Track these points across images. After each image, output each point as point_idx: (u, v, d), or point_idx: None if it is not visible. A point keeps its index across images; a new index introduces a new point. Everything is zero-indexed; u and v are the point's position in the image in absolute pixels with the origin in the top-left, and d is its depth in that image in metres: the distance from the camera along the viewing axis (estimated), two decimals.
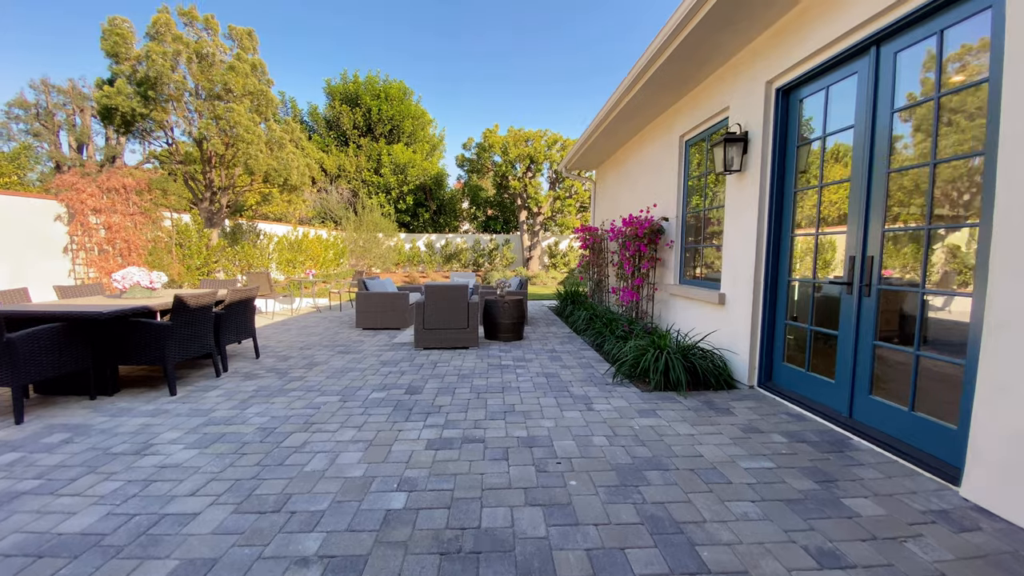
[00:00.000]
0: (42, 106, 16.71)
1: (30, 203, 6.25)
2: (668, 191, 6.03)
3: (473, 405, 3.80)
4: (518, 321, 6.55)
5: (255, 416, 3.54)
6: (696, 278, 5.57)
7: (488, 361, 5.34)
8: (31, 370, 3.39)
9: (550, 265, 19.69)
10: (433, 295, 5.88)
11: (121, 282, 4.50)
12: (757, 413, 3.63)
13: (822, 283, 3.68)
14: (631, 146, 7.58)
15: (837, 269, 3.56)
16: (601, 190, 9.62)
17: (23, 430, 3.22)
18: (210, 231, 9.27)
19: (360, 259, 17.85)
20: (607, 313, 7.12)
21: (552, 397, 4.01)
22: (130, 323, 3.92)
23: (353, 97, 21.09)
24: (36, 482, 2.50)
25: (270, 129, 8.83)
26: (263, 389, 4.25)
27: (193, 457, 2.83)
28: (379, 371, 4.90)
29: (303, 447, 2.98)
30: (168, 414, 3.58)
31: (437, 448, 2.96)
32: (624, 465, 2.73)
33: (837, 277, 3.52)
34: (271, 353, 5.76)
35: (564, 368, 5.01)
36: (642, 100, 5.75)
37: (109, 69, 7.70)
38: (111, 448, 2.95)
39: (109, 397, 3.98)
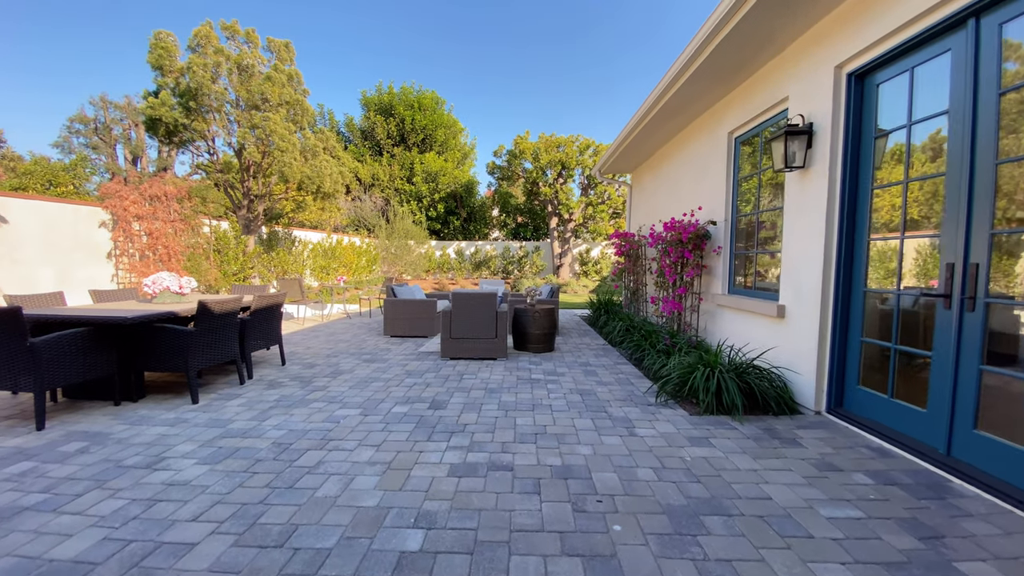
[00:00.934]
0: (100, 121, 17.90)
1: (76, 210, 6.46)
2: (715, 192, 5.55)
3: (501, 424, 3.47)
4: (549, 331, 6.20)
5: (272, 429, 3.35)
6: (747, 287, 5.06)
7: (517, 374, 5.01)
8: (55, 375, 3.34)
9: (581, 273, 19.20)
10: (461, 303, 5.63)
11: (152, 287, 4.48)
12: (830, 445, 3.13)
13: (910, 295, 3.16)
14: (671, 146, 7.14)
15: (917, 277, 3.03)
16: (637, 194, 9.17)
17: (43, 437, 3.15)
18: (247, 238, 9.44)
19: (391, 266, 18.00)
20: (645, 324, 6.65)
21: (588, 418, 3.63)
22: (154, 329, 3.85)
23: (387, 107, 21.49)
24: (42, 496, 2.37)
25: (305, 137, 8.94)
26: (284, 399, 4.08)
27: (203, 475, 2.64)
28: (403, 382, 4.67)
29: (317, 467, 2.74)
30: (187, 424, 3.45)
31: (460, 475, 2.65)
32: (677, 507, 2.32)
33: (930, 288, 2.99)
34: (297, 360, 5.66)
35: (600, 384, 4.62)
36: (686, 95, 5.34)
37: (155, 82, 8.02)
38: (123, 460, 2.82)
39: (133, 403, 3.92)
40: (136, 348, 3.88)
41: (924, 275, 3.07)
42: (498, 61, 64.25)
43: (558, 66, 67.11)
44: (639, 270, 7.95)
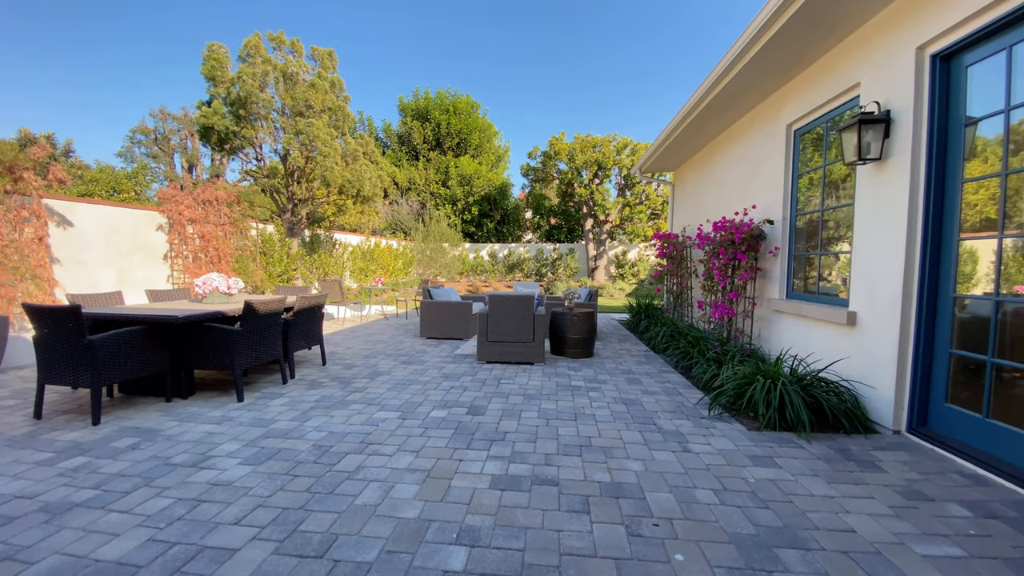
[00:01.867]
0: (159, 132, 19.17)
1: (135, 214, 6.82)
2: (770, 190, 5.18)
3: (543, 434, 3.31)
4: (588, 336, 5.98)
5: (313, 431, 3.34)
6: (808, 292, 4.66)
7: (556, 380, 4.83)
8: (111, 372, 3.46)
9: (617, 276, 18.73)
10: (497, 306, 5.52)
11: (202, 287, 4.62)
12: (916, 471, 2.77)
13: (1014, 301, 2.76)
14: (720, 142, 6.76)
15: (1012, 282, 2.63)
16: (680, 194, 8.79)
17: (97, 432, 3.26)
18: (291, 240, 9.74)
19: (426, 268, 18.20)
20: (691, 330, 6.31)
21: (636, 431, 3.40)
22: (203, 328, 3.95)
23: (423, 112, 21.85)
24: (92, 493, 2.41)
25: (346, 143, 9.14)
26: (325, 400, 4.09)
27: (246, 476, 2.62)
28: (440, 385, 4.59)
29: (356, 473, 2.67)
30: (232, 422, 3.49)
31: (503, 488, 2.51)
32: (745, 536, 2.08)
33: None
34: (337, 360, 5.71)
35: (646, 394, 4.36)
36: (739, 86, 5.01)
37: (208, 92, 8.43)
38: (171, 458, 2.85)
39: (184, 400, 4.03)
40: (186, 346, 3.99)
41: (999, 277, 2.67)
42: (533, 59, 64.33)
43: (596, 63, 66.28)
44: (683, 273, 7.59)
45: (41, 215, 5.27)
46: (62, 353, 3.35)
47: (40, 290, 5.17)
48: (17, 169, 4.95)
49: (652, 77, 62.74)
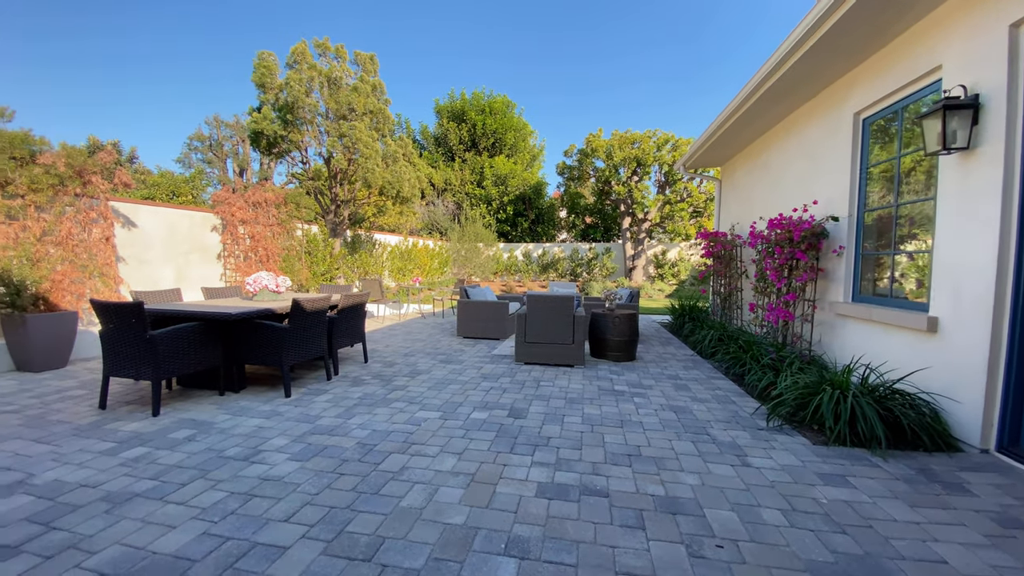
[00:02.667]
0: (214, 138, 20.30)
1: (191, 215, 7.19)
2: (833, 184, 4.80)
3: (588, 441, 3.18)
4: (630, 339, 5.77)
5: (357, 428, 3.35)
6: (878, 295, 4.29)
7: (598, 384, 4.67)
8: (170, 366, 3.61)
9: (656, 276, 18.19)
10: (536, 306, 5.41)
11: (253, 285, 4.78)
12: (1011, 495, 2.45)
13: None
14: (773, 134, 6.37)
15: None
16: (728, 189, 8.37)
17: (156, 423, 3.40)
18: (334, 240, 10.02)
19: (461, 268, 18.35)
20: (741, 334, 5.97)
21: (688, 441, 3.21)
22: (254, 324, 4.06)
23: (459, 113, 22.05)
24: (151, 483, 2.49)
25: (386, 145, 9.30)
26: (367, 397, 4.12)
27: (294, 471, 2.65)
28: (480, 386, 4.54)
29: (401, 473, 2.64)
30: (280, 417, 3.56)
31: (550, 497, 2.40)
32: (822, 565, 1.88)
33: None
34: (378, 358, 5.79)
35: (695, 401, 4.14)
36: (800, 73, 4.68)
37: (258, 98, 8.81)
38: (225, 451, 2.93)
39: (236, 394, 4.17)
40: (238, 342, 4.12)
41: None
42: (565, 59, 63.78)
43: (634, 58, 64.83)
44: (732, 273, 7.21)
45: (108, 216, 5.63)
46: (126, 347, 3.53)
47: (107, 287, 5.53)
48: (86, 173, 5.31)
49: (688, 78, 60.70)
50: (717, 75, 58.87)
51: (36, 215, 4.97)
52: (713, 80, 58.76)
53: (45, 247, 4.96)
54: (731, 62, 53.94)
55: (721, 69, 58.16)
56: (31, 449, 2.92)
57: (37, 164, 4.85)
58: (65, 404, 3.81)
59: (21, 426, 3.31)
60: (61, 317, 4.88)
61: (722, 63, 57.02)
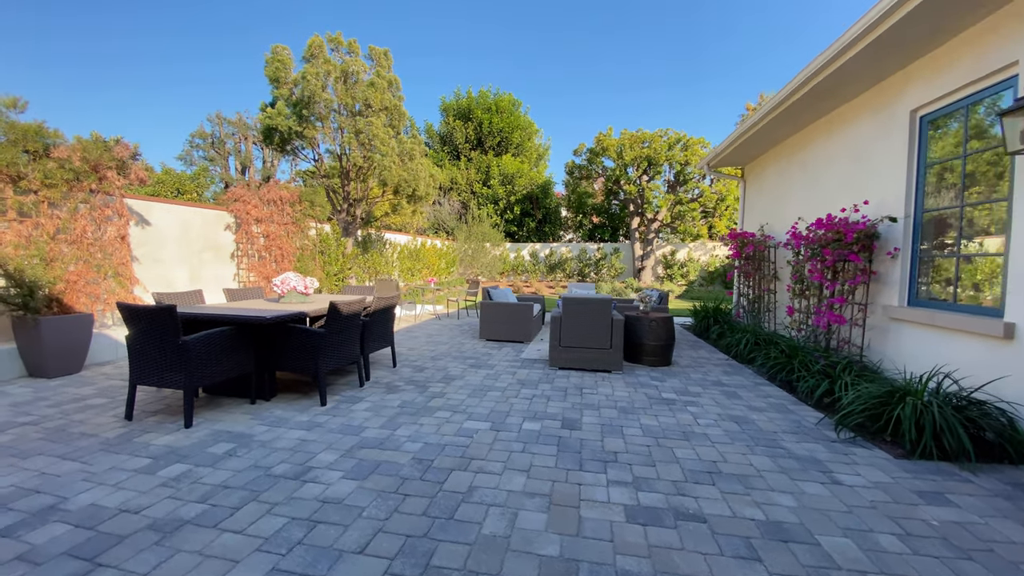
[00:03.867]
0: (216, 136, 19.95)
1: (205, 213, 6.94)
2: (886, 183, 4.63)
3: (658, 456, 2.97)
4: (667, 343, 5.58)
5: (407, 441, 3.13)
6: (935, 299, 4.11)
7: (643, 392, 4.47)
8: (203, 374, 3.37)
9: (665, 276, 18.04)
10: (572, 309, 5.20)
11: (280, 287, 4.54)
12: None
13: None
14: (811, 132, 6.18)
15: None
16: (754, 190, 8.19)
17: (191, 435, 3.16)
18: (346, 240, 9.77)
19: (468, 268, 18.11)
20: (779, 338, 5.79)
21: (763, 455, 3.01)
22: (288, 329, 3.83)
23: (465, 112, 21.81)
24: (200, 507, 2.26)
25: (400, 142, 9.06)
26: (407, 405, 3.90)
27: (353, 493, 2.43)
28: (520, 393, 4.33)
29: (470, 495, 2.42)
30: (321, 428, 3.34)
31: (643, 522, 2.19)
32: None
33: None
34: (405, 362, 5.56)
35: (752, 411, 3.94)
36: (854, 69, 4.49)
37: (272, 93, 8.54)
38: (272, 468, 2.70)
39: (267, 402, 3.93)
40: (270, 347, 3.89)
41: None
42: (574, 56, 63.62)
43: (636, 64, 64.70)
44: (763, 275, 7.03)
45: (124, 214, 5.37)
46: (156, 354, 3.29)
47: (122, 288, 5.27)
48: (101, 168, 5.05)
49: (696, 82, 60.51)
50: (724, 78, 58.77)
51: (49, 212, 4.70)
52: (721, 82, 58.66)
53: (59, 246, 4.70)
54: (747, 68, 53.72)
55: (729, 73, 58.01)
56: (58, 467, 2.68)
57: (51, 158, 4.59)
58: (87, 414, 3.56)
59: (43, 440, 3.07)
60: (77, 320, 4.62)
61: (736, 69, 56.81)
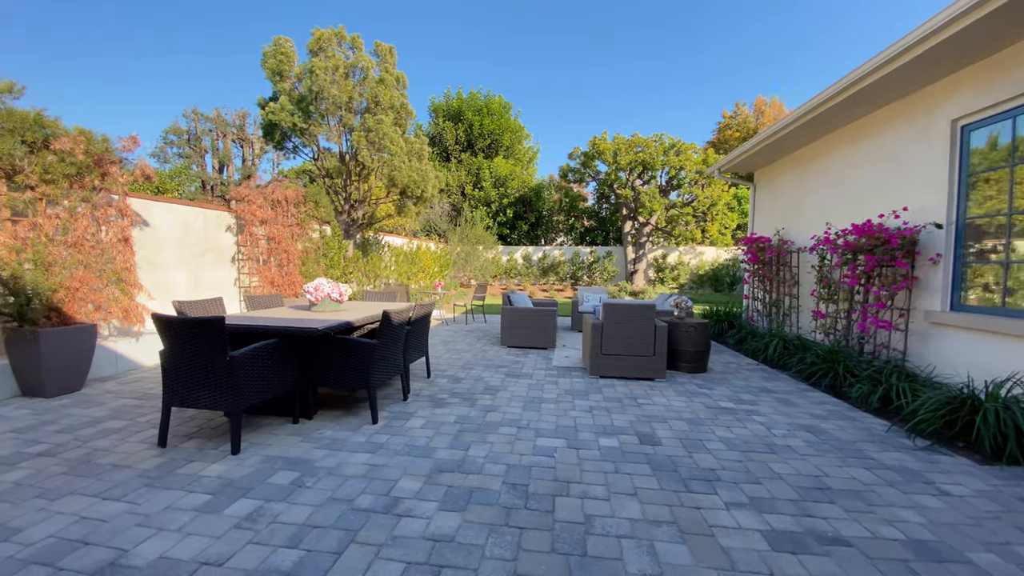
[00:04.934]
0: (192, 132, 18.89)
1: (204, 213, 6.47)
2: (924, 191, 4.70)
3: (758, 472, 2.84)
4: (703, 349, 5.51)
5: (487, 463, 2.89)
6: (980, 303, 4.18)
7: (699, 401, 4.35)
8: (251, 392, 3.03)
9: (656, 280, 18.23)
10: (613, 316, 5.06)
11: (314, 293, 4.20)
12: None
13: None
14: (834, 139, 6.27)
15: None
16: (767, 195, 8.29)
17: (243, 463, 2.82)
18: (347, 243, 9.34)
19: (460, 271, 17.79)
20: (808, 342, 5.82)
21: (858, 467, 2.93)
22: (335, 340, 3.51)
23: (456, 113, 21.49)
24: (294, 554, 1.96)
25: (408, 141, 8.73)
26: (465, 421, 3.64)
27: (461, 527, 2.18)
28: (575, 404, 4.14)
29: (590, 525, 2.21)
30: (386, 451, 3.04)
31: (791, 551, 2.04)
32: None
33: None
34: (438, 372, 5.27)
35: (816, 418, 3.89)
36: (895, 79, 4.56)
37: (274, 87, 8.02)
38: (354, 500, 2.41)
39: (310, 420, 3.59)
40: (315, 361, 3.56)
41: None
42: (557, 64, 64.08)
43: (626, 65, 65.54)
44: (782, 279, 7.10)
45: (127, 213, 4.87)
46: (199, 372, 2.92)
47: (125, 295, 4.76)
48: (104, 163, 4.56)
49: (687, 88, 61.91)
50: (696, 88, 60.39)
51: (47, 211, 4.19)
52: (695, 91, 60.25)
53: (58, 249, 4.19)
54: (739, 75, 55.06)
55: (704, 84, 59.58)
56: (100, 509, 2.30)
57: (51, 150, 4.09)
58: (110, 441, 3.14)
59: (69, 475, 2.66)
60: (79, 331, 4.13)
61: (727, 76, 58.24)
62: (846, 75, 4.88)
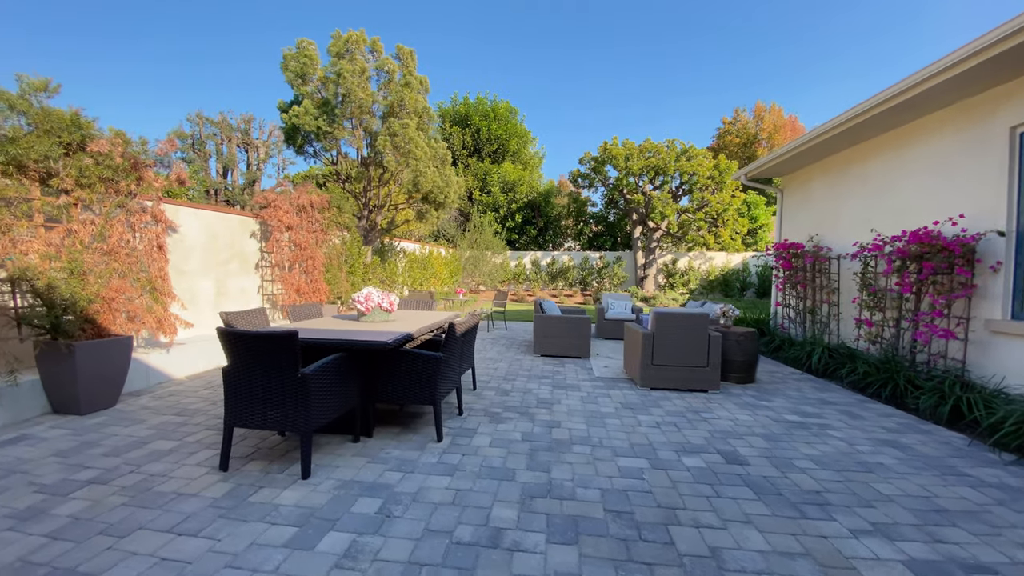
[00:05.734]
0: (196, 136, 18.60)
1: (229, 219, 6.27)
2: (979, 198, 4.62)
3: (867, 495, 2.69)
4: (752, 359, 5.37)
5: (576, 486, 2.71)
6: None
7: (764, 414, 4.21)
8: (320, 412, 2.84)
9: (666, 285, 18.16)
10: (665, 325, 4.91)
11: (364, 303, 4.01)
12: None
13: None
14: (875, 145, 6.19)
15: None
16: (797, 201, 8.21)
17: (316, 489, 2.62)
18: (366, 249, 9.15)
19: (469, 276, 17.60)
20: (853, 351, 5.72)
21: (959, 484, 2.79)
22: (400, 354, 3.33)
23: (463, 118, 21.39)
24: None
25: (431, 146, 8.58)
26: (531, 438, 3.46)
27: (583, 563, 2.01)
28: (639, 419, 3.97)
29: (720, 559, 2.05)
30: (464, 473, 2.86)
31: None
32: None
33: None
34: (480, 383, 5.08)
35: (892, 432, 3.76)
36: (951, 86, 4.49)
37: (296, 90, 7.82)
38: (453, 532, 2.22)
39: (369, 439, 3.40)
40: (378, 376, 3.37)
41: None
42: (567, 71, 64.51)
43: (628, 74, 65.92)
44: (818, 286, 7.01)
45: (161, 219, 4.65)
46: (268, 390, 2.73)
47: (159, 304, 4.53)
48: (140, 166, 4.35)
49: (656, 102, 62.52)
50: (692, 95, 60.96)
51: (81, 217, 3.97)
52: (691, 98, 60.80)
53: (95, 257, 3.96)
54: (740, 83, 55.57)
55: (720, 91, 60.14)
56: (180, 548, 2.09)
57: (88, 153, 3.88)
58: (164, 464, 2.92)
59: (131, 506, 2.44)
60: (115, 344, 3.90)
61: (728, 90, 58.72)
62: (897, 83, 4.82)
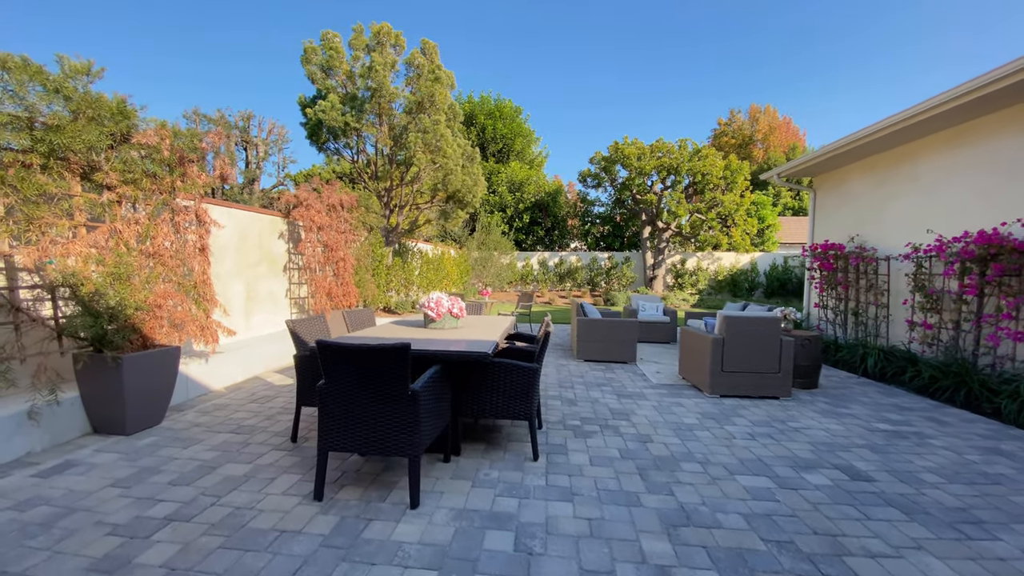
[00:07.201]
0: None
1: (259, 219, 5.93)
2: None
3: (1014, 511, 2.51)
4: (816, 364, 5.22)
5: (715, 511, 2.48)
6: None
7: (852, 423, 4.03)
8: (427, 432, 2.56)
9: (675, 286, 18.09)
10: (735, 330, 4.72)
11: (434, 310, 3.73)
12: None
13: None
14: (928, 144, 6.08)
15: None
16: (833, 201, 8.10)
17: (432, 521, 2.34)
18: (387, 250, 8.82)
19: (478, 277, 17.30)
20: (910, 354, 5.61)
21: None
22: (494, 365, 3.06)
23: (468, 117, 21.07)
24: None
25: (458, 144, 8.29)
26: (630, 455, 3.22)
27: None
28: (728, 431, 3.76)
29: None
30: (583, 498, 2.60)
31: None
32: None
33: None
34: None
35: (989, 439, 3.62)
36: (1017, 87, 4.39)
37: (321, 84, 7.46)
38: (616, 574, 1.97)
39: (457, 457, 3.12)
40: (469, 389, 3.09)
41: None
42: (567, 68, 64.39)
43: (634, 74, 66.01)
44: (861, 287, 6.90)
45: (205, 219, 4.30)
46: (373, 409, 2.44)
47: (202, 310, 4.18)
48: (184, 162, 4.01)
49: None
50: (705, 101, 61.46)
51: (124, 215, 3.61)
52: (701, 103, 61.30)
53: (141, 259, 3.61)
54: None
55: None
56: None
57: (133, 145, 3.53)
58: (247, 495, 2.61)
59: (231, 548, 2.12)
60: (163, 355, 3.56)
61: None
62: (963, 83, 4.71)
